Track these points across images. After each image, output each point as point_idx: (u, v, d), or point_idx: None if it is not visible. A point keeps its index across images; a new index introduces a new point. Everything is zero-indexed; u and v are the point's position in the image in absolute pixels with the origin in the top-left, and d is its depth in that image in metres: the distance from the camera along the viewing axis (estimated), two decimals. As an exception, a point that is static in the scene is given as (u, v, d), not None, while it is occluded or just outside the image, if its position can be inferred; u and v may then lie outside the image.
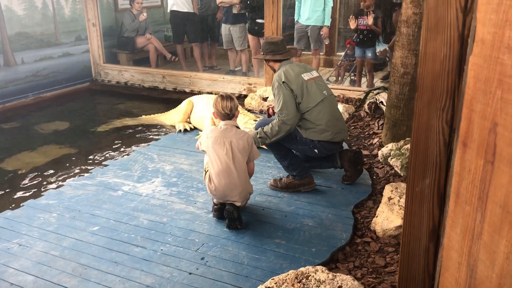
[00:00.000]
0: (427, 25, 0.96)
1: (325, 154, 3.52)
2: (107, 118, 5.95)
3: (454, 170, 0.88)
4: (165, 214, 3.23)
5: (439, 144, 0.96)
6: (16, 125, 5.80)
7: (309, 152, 3.51)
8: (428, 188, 0.99)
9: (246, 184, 3.08)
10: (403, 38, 3.85)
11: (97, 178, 3.82)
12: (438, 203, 0.99)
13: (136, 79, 7.33)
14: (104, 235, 2.98)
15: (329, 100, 3.49)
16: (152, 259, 2.73)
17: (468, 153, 0.84)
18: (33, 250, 2.83)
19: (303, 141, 3.46)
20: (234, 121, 3.15)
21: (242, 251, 2.79)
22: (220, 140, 3.02)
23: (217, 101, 3.11)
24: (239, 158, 3.01)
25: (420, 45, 0.98)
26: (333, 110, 3.49)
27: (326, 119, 3.39)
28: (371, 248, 2.85)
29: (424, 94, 0.97)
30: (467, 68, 0.84)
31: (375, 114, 5.06)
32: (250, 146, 3.08)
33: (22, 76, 6.56)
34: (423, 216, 1.02)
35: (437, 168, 0.98)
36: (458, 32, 0.89)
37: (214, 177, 3.02)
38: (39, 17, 6.76)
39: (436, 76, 0.94)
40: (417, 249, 1.05)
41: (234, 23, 6.96)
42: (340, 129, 3.48)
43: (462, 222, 0.87)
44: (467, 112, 0.84)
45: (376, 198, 3.44)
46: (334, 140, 3.44)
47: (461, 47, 0.89)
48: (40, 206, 3.37)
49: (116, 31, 7.95)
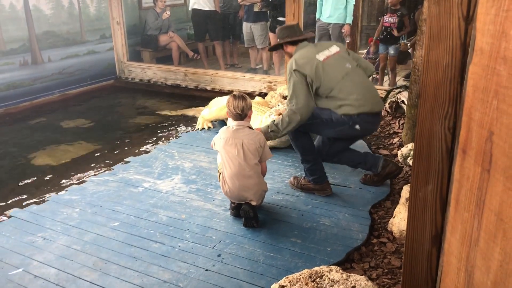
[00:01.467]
0: (429, 33, 0.97)
1: (368, 129, 3.31)
2: (131, 115, 6.06)
3: (454, 177, 0.89)
4: (183, 211, 3.30)
5: (442, 151, 0.97)
6: (43, 121, 5.97)
7: (349, 131, 3.24)
8: (431, 194, 1.00)
9: (260, 183, 3.08)
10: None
11: (119, 175, 3.91)
12: (441, 209, 1.00)
13: (158, 76, 7.44)
14: (124, 231, 3.06)
15: (355, 72, 3.28)
16: (170, 255, 2.79)
17: (467, 161, 0.85)
18: (56, 244, 2.93)
19: (341, 121, 3.20)
20: (246, 121, 3.12)
21: (258, 249, 2.82)
22: (232, 141, 3.01)
23: (229, 101, 3.08)
24: (251, 158, 2.99)
25: (423, 53, 0.99)
26: (363, 80, 3.29)
27: (359, 90, 3.19)
28: (387, 249, 2.84)
29: (427, 102, 0.99)
30: (466, 77, 0.85)
31: (396, 113, 5.01)
32: (262, 146, 3.05)
33: (48, 74, 6.75)
34: (426, 222, 1.03)
35: (439, 174, 0.99)
36: (460, 40, 0.90)
37: (228, 179, 3.03)
38: (65, 16, 6.93)
39: (439, 84, 0.95)
40: (420, 253, 1.06)
41: (255, 21, 6.98)
42: (377, 99, 3.29)
43: (461, 228, 0.88)
44: (467, 120, 0.85)
45: (394, 198, 3.43)
46: (374, 110, 3.23)
47: (463, 55, 0.90)
48: (63, 201, 3.48)
49: (139, 29, 8.09)
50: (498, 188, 0.74)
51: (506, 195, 0.71)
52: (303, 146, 3.39)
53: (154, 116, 5.93)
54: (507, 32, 0.70)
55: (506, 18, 0.70)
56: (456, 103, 0.92)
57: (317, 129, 3.34)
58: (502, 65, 0.72)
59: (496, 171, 0.74)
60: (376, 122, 3.37)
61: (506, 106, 0.71)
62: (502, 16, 0.71)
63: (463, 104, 0.86)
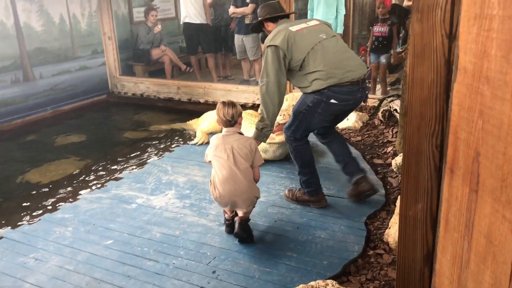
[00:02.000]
0: (413, 51, 0.96)
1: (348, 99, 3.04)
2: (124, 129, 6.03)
3: (443, 196, 0.88)
4: (177, 227, 3.26)
5: (430, 169, 0.96)
6: (35, 138, 5.94)
7: (330, 108, 3.04)
8: (420, 213, 0.99)
9: (252, 189, 3.00)
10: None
11: (112, 191, 3.88)
12: (432, 227, 0.98)
13: (151, 90, 7.43)
14: (118, 249, 3.02)
15: (331, 41, 3.07)
16: (164, 273, 2.75)
17: (455, 180, 0.84)
18: (49, 265, 2.88)
19: (315, 101, 3.02)
20: (237, 127, 3.06)
21: (254, 264, 2.79)
22: (222, 147, 2.96)
23: (219, 108, 3.02)
24: (242, 162, 2.93)
25: (408, 71, 0.98)
26: (337, 50, 3.05)
27: (327, 59, 2.97)
28: (384, 261, 2.82)
29: (414, 119, 0.97)
30: (452, 95, 0.84)
31: (389, 122, 5.02)
32: (253, 151, 2.98)
33: (40, 90, 6.72)
34: (417, 241, 1.02)
35: (428, 192, 0.97)
36: (444, 58, 0.89)
37: (219, 184, 2.96)
38: (56, 32, 6.93)
39: (424, 101, 0.94)
40: (412, 273, 1.04)
41: (247, 33, 7.00)
42: (352, 67, 3.02)
43: (451, 249, 0.86)
44: (453, 139, 0.84)
45: (389, 208, 3.41)
46: (345, 80, 2.96)
47: (448, 73, 0.89)
48: (56, 220, 3.44)
49: (131, 43, 8.09)
50: (487, 210, 0.72)
51: (494, 217, 0.69)
52: (302, 159, 3.32)
53: (147, 131, 5.91)
54: (488, 52, 0.69)
55: (487, 38, 0.69)
56: (443, 120, 0.91)
57: (306, 126, 3.19)
58: (485, 84, 0.71)
59: (484, 192, 0.73)
60: (355, 91, 3.04)
61: (491, 126, 0.70)
62: (483, 35, 0.70)
63: (449, 122, 0.85)
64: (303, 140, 3.30)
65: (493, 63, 0.68)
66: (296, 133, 3.25)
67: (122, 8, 8.15)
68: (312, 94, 3.02)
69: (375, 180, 3.79)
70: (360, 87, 3.08)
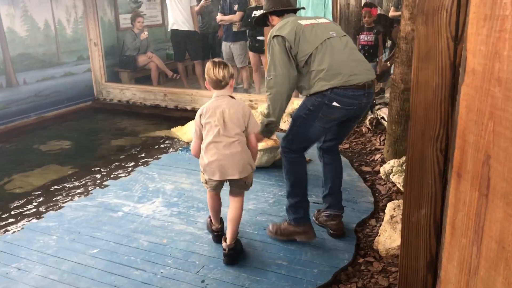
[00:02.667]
0: (418, 54, 0.95)
1: (351, 104, 2.75)
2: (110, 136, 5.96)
3: (449, 201, 0.87)
4: (165, 235, 3.20)
5: (434, 174, 0.94)
6: (19, 145, 5.81)
7: (331, 112, 2.76)
8: (424, 219, 0.97)
9: (245, 154, 2.74)
10: (402, 54, 3.85)
11: (98, 199, 3.80)
12: (435, 234, 0.97)
13: (137, 97, 7.36)
14: (104, 258, 2.95)
15: (340, 40, 2.85)
16: (152, 282, 2.69)
17: (463, 185, 0.82)
18: (32, 275, 2.80)
19: (317, 104, 2.76)
20: (228, 90, 2.79)
21: (243, 273, 2.75)
22: (212, 112, 2.69)
23: (208, 68, 2.73)
24: (234, 128, 2.68)
25: (412, 74, 0.97)
26: (345, 50, 2.82)
27: (333, 59, 2.74)
28: (374, 268, 2.81)
29: (418, 124, 0.96)
30: (459, 98, 0.82)
31: (377, 130, 5.04)
32: (247, 116, 2.72)
33: (24, 97, 6.61)
34: (420, 247, 1.00)
35: (432, 198, 0.96)
36: (449, 61, 0.88)
37: (207, 150, 2.71)
38: (41, 38, 6.83)
39: (429, 105, 0.93)
40: (415, 280, 1.03)
41: (235, 40, 7.00)
42: (359, 70, 2.77)
43: (458, 255, 0.85)
44: (461, 142, 0.83)
45: (378, 216, 3.40)
46: (350, 82, 2.70)
47: (453, 76, 0.88)
48: (40, 229, 3.35)
49: (117, 50, 8.03)
50: (498, 214, 0.71)
51: (507, 222, 0.68)
52: (296, 175, 2.96)
53: (133, 138, 5.84)
54: (500, 53, 0.68)
55: (499, 39, 0.68)
56: (448, 124, 0.90)
57: (304, 134, 2.88)
58: (496, 86, 0.70)
59: (495, 197, 0.72)
60: (361, 96, 2.77)
61: (503, 128, 0.68)
62: (495, 36, 0.69)
63: (456, 126, 0.84)
64: (300, 152, 2.98)
65: (506, 64, 0.67)
66: (292, 143, 2.93)
67: (108, 15, 8.09)
68: (313, 96, 2.77)
69: (363, 188, 3.80)
70: (366, 92, 2.79)
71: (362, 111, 2.92)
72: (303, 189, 2.99)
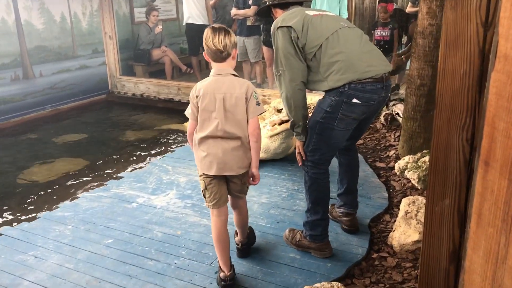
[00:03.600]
0: (445, 40, 0.93)
1: (372, 98, 2.53)
2: (124, 129, 6.00)
3: (476, 191, 0.85)
4: (179, 226, 3.22)
5: (459, 163, 0.93)
6: (34, 136, 5.88)
7: (352, 109, 2.52)
8: (448, 208, 0.96)
9: (244, 148, 2.43)
10: (419, 49, 3.81)
11: (112, 190, 3.83)
12: (459, 224, 0.95)
13: (151, 91, 7.39)
14: (118, 248, 2.97)
15: (352, 30, 2.61)
16: (166, 272, 2.71)
17: (491, 173, 0.81)
18: (48, 263, 2.84)
19: (335, 105, 2.50)
20: (230, 63, 2.38)
21: (256, 266, 2.75)
22: (211, 97, 2.31)
23: (207, 36, 2.32)
24: (235, 119, 2.34)
25: (439, 61, 0.95)
26: (359, 40, 2.58)
27: (347, 50, 2.49)
28: (388, 264, 2.79)
29: (443, 112, 0.94)
30: (488, 85, 0.81)
31: (391, 126, 5.00)
32: (248, 98, 2.33)
33: (40, 89, 6.68)
34: (443, 237, 0.99)
35: (457, 187, 0.94)
36: (478, 47, 0.86)
37: (204, 143, 2.39)
38: (57, 31, 6.89)
39: (456, 93, 0.91)
40: (436, 271, 1.01)
41: (249, 35, 6.98)
42: (376, 62, 2.55)
43: (484, 245, 0.83)
44: (489, 130, 0.81)
45: (393, 211, 3.38)
46: (367, 75, 2.47)
47: (482, 63, 0.86)
48: (55, 218, 3.39)
49: (132, 43, 8.06)
50: (529, 202, 0.69)
51: (539, 209, 0.67)
52: (318, 195, 2.74)
53: (147, 131, 5.87)
54: (535, 37, 0.67)
55: (535, 22, 0.67)
56: (475, 112, 0.88)
57: (327, 142, 2.62)
58: (530, 71, 0.68)
59: (527, 184, 0.70)
60: (379, 90, 2.55)
61: (536, 114, 0.67)
62: (530, 20, 0.68)
63: (484, 114, 0.82)
64: (323, 167, 2.71)
65: (541, 48, 0.66)
66: (315, 154, 2.66)
67: (124, 8, 8.13)
68: (329, 96, 2.54)
69: (377, 183, 3.77)
70: (384, 85, 2.57)
71: (381, 106, 2.73)
72: (325, 207, 2.78)
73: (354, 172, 3.09)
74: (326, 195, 2.78)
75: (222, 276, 2.51)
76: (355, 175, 3.10)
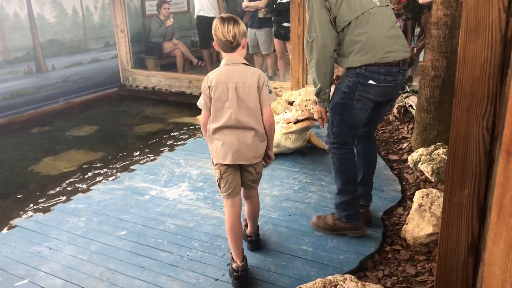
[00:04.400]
0: (466, 27, 0.91)
1: (388, 81, 2.60)
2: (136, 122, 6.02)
3: (497, 181, 0.83)
4: (191, 219, 3.23)
5: (479, 153, 0.91)
6: (47, 129, 5.93)
7: (368, 91, 2.60)
8: (467, 199, 0.94)
9: (259, 138, 2.44)
10: (433, 40, 3.75)
11: (125, 183, 3.85)
12: (478, 215, 0.93)
13: (163, 84, 7.40)
14: (131, 240, 2.99)
15: (383, 11, 2.61)
16: (178, 264, 2.72)
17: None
18: (62, 254, 2.86)
19: (352, 85, 2.59)
20: (240, 53, 2.38)
21: (269, 258, 2.75)
22: (224, 87, 2.32)
23: (216, 26, 2.32)
24: (248, 109, 2.35)
25: (458, 48, 0.93)
26: (386, 23, 2.60)
27: (373, 32, 2.53)
28: (401, 256, 2.77)
29: (463, 100, 0.92)
30: (511, 72, 0.79)
31: (404, 118, 4.94)
32: (260, 87, 2.35)
33: (53, 82, 6.72)
34: (462, 229, 0.97)
35: (476, 178, 0.92)
36: (500, 34, 0.84)
37: (218, 133, 2.40)
38: (69, 24, 6.92)
39: (476, 81, 0.89)
40: (454, 263, 1.00)
41: (260, 27, 6.95)
42: (397, 47, 2.59)
43: (506, 236, 0.81)
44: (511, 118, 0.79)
45: (406, 204, 3.35)
46: (386, 59, 2.54)
47: (504, 49, 0.84)
48: (69, 210, 3.42)
49: (143, 36, 8.07)
50: (554, 192, 0.67)
51: None
52: (347, 175, 2.80)
53: (159, 124, 5.89)
54: (562, 21, 0.64)
55: (561, 6, 0.64)
56: (496, 101, 0.86)
57: (348, 121, 2.69)
58: (556, 57, 0.66)
59: (551, 174, 0.68)
60: (396, 73, 2.61)
61: (562, 101, 0.65)
62: (556, 3, 0.65)
63: (506, 101, 0.80)
64: (349, 146, 2.79)
65: None
66: (340, 135, 2.73)
67: (135, 1, 8.13)
68: (346, 78, 2.63)
69: (390, 176, 3.74)
70: (401, 69, 2.64)
71: (397, 90, 2.78)
72: (355, 186, 2.86)
73: (372, 163, 3.10)
74: (355, 174, 2.86)
75: (235, 267, 2.49)
76: (372, 166, 3.11)
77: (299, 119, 4.04)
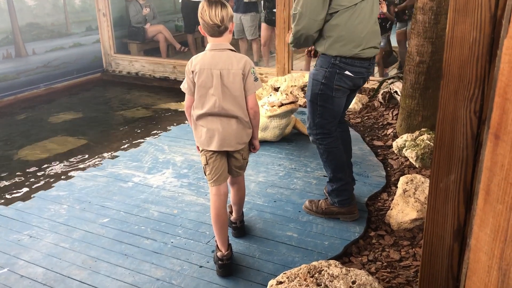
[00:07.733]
0: (454, 6, 0.88)
1: (362, 75, 2.72)
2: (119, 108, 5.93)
3: (484, 165, 0.81)
4: (175, 206, 3.19)
5: (466, 137, 0.89)
6: (28, 115, 5.81)
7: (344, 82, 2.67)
8: (453, 184, 0.92)
9: (243, 125, 2.41)
10: (418, 25, 3.73)
11: (108, 169, 3.79)
12: (464, 200, 0.92)
13: (146, 69, 7.29)
14: (114, 227, 2.95)
15: (368, 4, 2.62)
16: (162, 251, 2.69)
17: (501, 147, 0.77)
18: (43, 242, 2.81)
19: (329, 76, 2.65)
20: (226, 37, 2.33)
21: (253, 244, 2.74)
22: (208, 73, 2.27)
23: (202, 9, 2.25)
24: (232, 96, 2.31)
25: (447, 29, 0.90)
26: (370, 18, 2.64)
27: (356, 27, 2.56)
28: (385, 242, 2.78)
29: (450, 83, 0.90)
30: (500, 53, 0.76)
31: (389, 104, 4.95)
32: (246, 75, 2.31)
33: (33, 67, 6.56)
34: (448, 214, 0.95)
35: (463, 162, 0.90)
36: (490, 13, 0.81)
37: (202, 120, 2.37)
38: (49, 8, 6.74)
39: (464, 62, 0.87)
40: (440, 249, 0.98)
41: (245, 12, 6.86)
42: (371, 45, 2.67)
43: (492, 222, 0.80)
44: (500, 101, 0.77)
45: (390, 190, 3.36)
46: (359, 55, 2.63)
47: (493, 30, 0.82)
48: (50, 198, 3.35)
49: (126, 21, 7.92)
50: (543, 176, 0.65)
51: (553, 184, 0.63)
52: (336, 162, 2.84)
53: (143, 110, 5.81)
54: (554, -1, 0.62)
55: (554, -18, 0.62)
56: (484, 83, 0.84)
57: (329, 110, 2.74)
58: (548, 36, 0.64)
59: (540, 157, 0.66)
60: (367, 66, 2.74)
61: (553, 83, 0.63)
62: (549, -20, 0.63)
63: (495, 84, 0.78)
64: (333, 134, 2.81)
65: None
66: (323, 125, 2.77)
67: (117, -16, 7.95)
68: (322, 68, 2.68)
69: (375, 162, 3.75)
70: (371, 63, 2.78)
71: (366, 80, 2.90)
72: (345, 171, 2.90)
73: (348, 145, 3.13)
74: (343, 161, 2.90)
75: (220, 256, 2.46)
76: (349, 148, 3.14)
77: (283, 102, 4.01)
